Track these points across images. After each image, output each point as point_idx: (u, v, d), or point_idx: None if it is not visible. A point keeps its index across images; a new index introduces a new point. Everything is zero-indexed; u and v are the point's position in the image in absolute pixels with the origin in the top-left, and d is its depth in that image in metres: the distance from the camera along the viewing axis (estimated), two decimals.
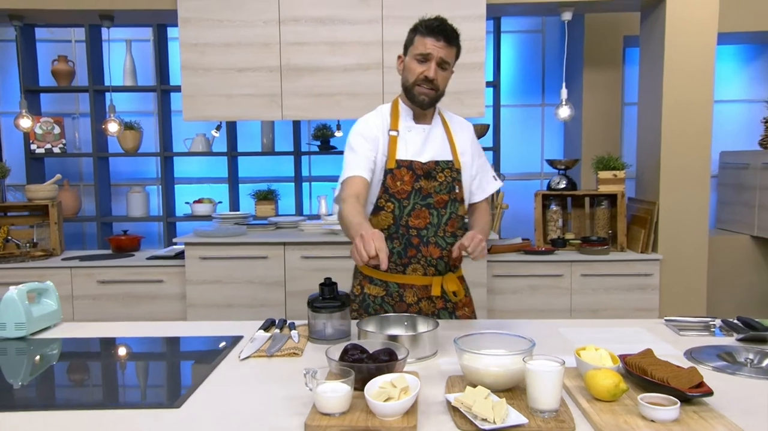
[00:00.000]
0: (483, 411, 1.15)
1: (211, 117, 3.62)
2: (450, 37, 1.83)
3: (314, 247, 3.50)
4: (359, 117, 3.53)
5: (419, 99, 1.88)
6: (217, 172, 4.69)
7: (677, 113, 3.49)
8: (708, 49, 3.46)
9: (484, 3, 3.45)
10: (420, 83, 1.86)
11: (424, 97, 1.87)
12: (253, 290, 3.53)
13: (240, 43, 3.53)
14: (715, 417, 1.14)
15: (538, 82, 4.70)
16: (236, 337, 1.77)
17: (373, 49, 3.51)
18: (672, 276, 3.55)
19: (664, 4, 3.47)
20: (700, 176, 3.53)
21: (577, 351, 1.37)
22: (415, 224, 1.89)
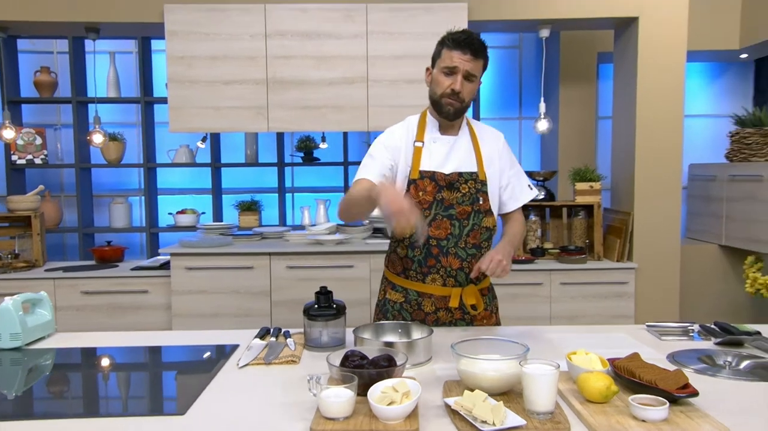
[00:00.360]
0: (483, 414, 1.21)
1: (198, 129, 3.65)
2: (477, 50, 1.86)
3: (300, 257, 3.55)
4: (344, 129, 3.64)
5: (446, 110, 1.91)
6: (200, 183, 4.71)
7: (650, 127, 3.63)
8: (678, 67, 3.61)
9: (466, 19, 3.54)
10: (447, 96, 1.89)
11: (450, 108, 1.90)
12: (239, 300, 3.56)
13: (227, 56, 3.58)
14: (701, 416, 1.22)
15: (515, 96, 4.83)
16: (233, 345, 1.81)
17: (358, 64, 3.59)
18: (646, 284, 3.67)
19: (636, 24, 3.61)
20: (671, 188, 3.67)
21: (569, 356, 1.45)
22: (435, 234, 1.92)
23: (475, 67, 1.88)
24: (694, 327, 1.90)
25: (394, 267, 2.05)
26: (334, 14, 3.56)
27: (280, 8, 3.57)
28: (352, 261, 3.55)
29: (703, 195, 4.62)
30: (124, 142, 4.44)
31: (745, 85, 5.02)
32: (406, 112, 3.56)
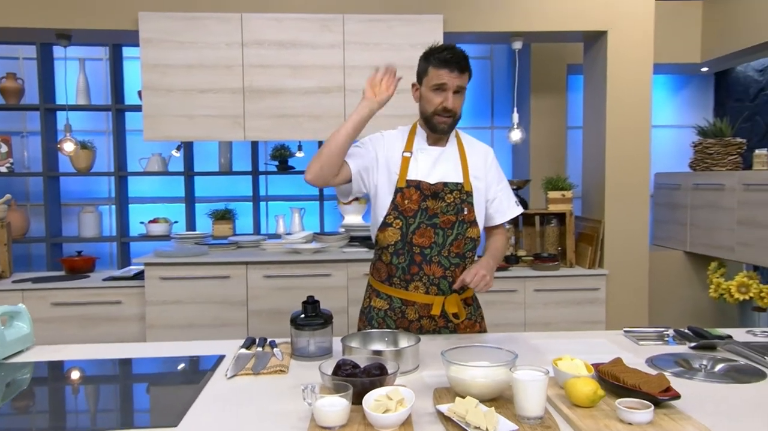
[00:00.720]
0: (476, 420, 1.24)
1: (173, 137, 3.62)
2: (462, 66, 1.92)
3: (277, 266, 3.54)
4: (321, 138, 3.65)
5: (440, 128, 1.96)
6: (172, 191, 4.66)
7: (619, 137, 3.73)
8: (645, 79, 3.73)
9: (441, 31, 3.60)
10: (439, 113, 1.94)
11: (443, 125, 1.96)
12: (215, 311, 3.53)
13: (202, 64, 3.56)
14: (683, 419, 1.27)
15: (487, 106, 4.91)
16: (219, 356, 1.80)
17: (334, 73, 3.61)
18: (617, 290, 3.77)
19: (605, 37, 3.71)
20: (640, 196, 3.78)
21: (555, 361, 1.49)
22: (419, 242, 1.96)
23: (462, 81, 1.94)
24: (669, 331, 1.97)
25: (378, 275, 2.08)
26: (310, 24, 3.58)
27: (256, 17, 3.57)
28: (329, 270, 3.56)
29: (669, 203, 4.76)
30: (94, 150, 4.38)
31: (705, 97, 5.20)
32: (382, 121, 3.60)
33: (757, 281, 4.07)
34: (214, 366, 1.72)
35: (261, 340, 1.90)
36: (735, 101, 4.98)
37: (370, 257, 3.51)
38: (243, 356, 1.77)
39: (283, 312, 3.54)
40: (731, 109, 5.01)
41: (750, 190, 4.01)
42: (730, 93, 5.04)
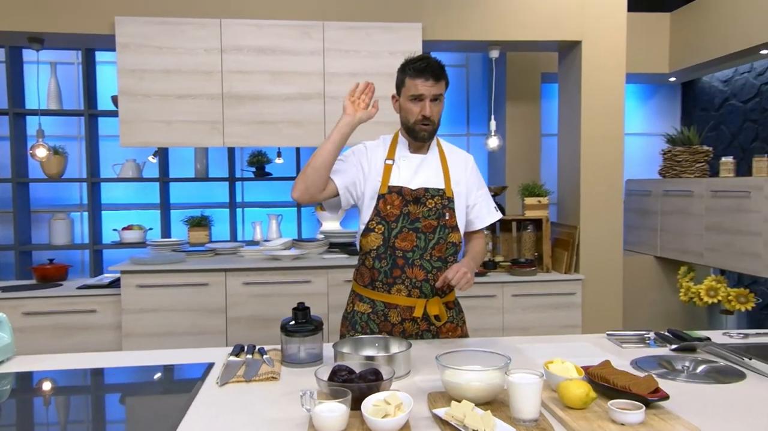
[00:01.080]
0: (474, 423, 1.26)
1: (150, 143, 3.58)
2: (437, 74, 1.97)
3: (256, 273, 3.52)
4: (301, 145, 3.65)
5: (421, 135, 2.02)
6: (146, 198, 4.60)
7: (593, 144, 3.82)
8: (618, 88, 3.82)
9: (420, 39, 3.64)
10: (419, 122, 1.99)
11: (424, 133, 2.01)
12: (193, 318, 3.49)
13: (180, 70, 3.53)
14: (673, 418, 1.31)
15: (463, 113, 4.96)
16: (209, 364, 1.79)
17: (314, 80, 3.62)
18: (592, 294, 3.84)
19: (580, 47, 3.80)
20: (614, 202, 3.86)
21: (546, 364, 1.52)
22: (401, 245, 2.00)
23: (438, 89, 1.99)
24: (649, 334, 2.02)
25: (362, 279, 2.10)
26: (290, 31, 3.58)
27: (236, 23, 3.56)
28: (309, 276, 3.55)
29: (639, 209, 4.87)
30: (65, 156, 4.30)
31: (673, 107, 5.35)
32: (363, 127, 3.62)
33: (724, 285, 4.20)
34: (204, 374, 1.71)
35: (250, 347, 1.89)
36: (701, 111, 5.14)
37: (351, 264, 3.55)
38: (233, 363, 1.76)
39: (262, 320, 3.52)
40: (698, 118, 5.16)
41: (717, 196, 4.13)
42: (697, 103, 5.19)
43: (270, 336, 3.46)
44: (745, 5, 4.05)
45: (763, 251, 3.75)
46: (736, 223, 3.97)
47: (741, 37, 4.10)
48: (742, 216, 3.92)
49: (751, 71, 4.61)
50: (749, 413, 1.39)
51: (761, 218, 3.77)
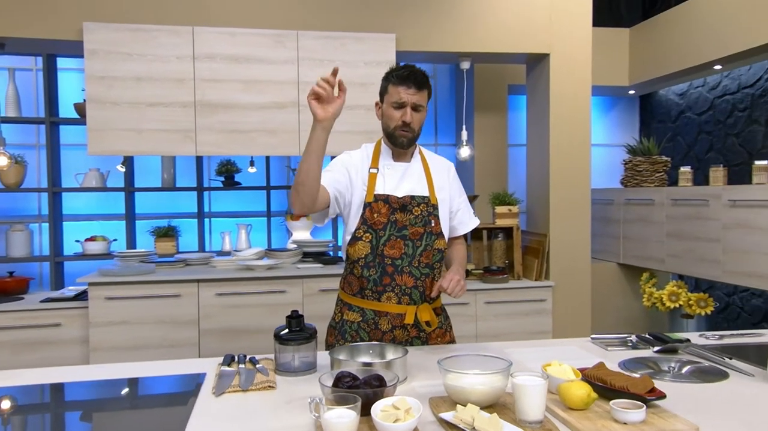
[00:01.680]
0: (483, 426, 1.28)
1: (119, 152, 3.50)
2: (420, 83, 1.99)
3: (229, 283, 3.47)
4: (275, 154, 3.63)
5: (400, 141, 2.04)
6: (109, 208, 4.48)
7: (562, 154, 3.92)
8: (585, 99, 3.94)
9: (394, 50, 3.67)
10: (399, 128, 2.02)
11: (403, 139, 2.03)
12: (165, 331, 3.41)
13: (152, 77, 3.47)
14: (671, 416, 1.36)
15: (431, 124, 5.02)
16: (200, 374, 1.76)
17: (288, 89, 3.60)
18: (562, 301, 3.93)
19: (548, 59, 3.90)
20: (582, 210, 3.96)
21: (544, 367, 1.55)
22: (390, 253, 2.01)
23: (420, 98, 2.01)
24: (631, 337, 2.08)
25: (350, 288, 2.10)
26: (264, 39, 3.57)
27: (208, 31, 3.52)
28: (283, 287, 3.52)
29: (603, 217, 5.02)
30: (25, 165, 4.16)
31: (632, 118, 5.54)
32: (337, 137, 3.62)
33: (685, 290, 4.35)
34: (197, 385, 1.68)
35: (241, 357, 1.86)
36: (658, 122, 5.33)
37: (326, 273, 3.54)
38: (226, 373, 1.73)
39: (236, 331, 3.47)
40: (655, 129, 5.35)
41: (677, 204, 4.29)
42: (654, 115, 5.39)
43: (244, 347, 3.41)
44: (699, 23, 4.24)
45: (722, 257, 3.91)
46: (695, 230, 4.13)
47: (696, 53, 4.29)
48: (701, 223, 4.07)
49: (704, 85, 4.81)
50: (739, 410, 1.45)
51: (719, 225, 3.93)
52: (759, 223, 3.65)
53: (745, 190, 3.75)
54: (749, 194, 3.72)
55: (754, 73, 4.36)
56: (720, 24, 4.05)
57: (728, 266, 3.86)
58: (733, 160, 4.50)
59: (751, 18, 3.79)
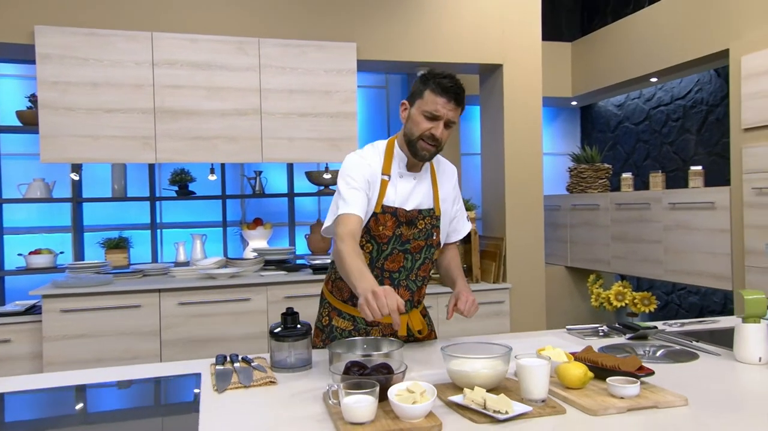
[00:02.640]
0: (495, 405, 1.34)
1: (74, 159, 3.40)
2: (460, 99, 1.85)
3: (192, 292, 3.41)
4: (238, 161, 3.61)
5: (421, 154, 1.90)
6: (53, 220, 4.31)
7: (516, 161, 4.08)
8: (536, 108, 4.12)
9: (355, 58, 3.74)
10: (425, 140, 1.88)
11: (425, 152, 1.89)
12: (125, 343, 3.32)
13: (108, 83, 3.40)
14: (660, 390, 1.46)
15: (384, 134, 5.10)
16: (195, 374, 1.75)
17: (251, 96, 3.60)
18: (518, 302, 4.06)
19: (501, 70, 4.07)
20: (535, 215, 4.13)
21: (539, 351, 1.63)
22: (389, 267, 1.96)
23: (456, 115, 1.88)
24: (602, 327, 2.20)
25: (340, 294, 2.07)
26: (226, 46, 3.56)
27: (168, 37, 3.48)
28: (247, 294, 3.50)
29: (551, 223, 5.23)
30: None
31: (574, 128, 5.81)
32: (301, 144, 3.67)
33: (630, 290, 4.59)
34: (196, 384, 1.66)
35: (234, 356, 1.86)
36: (598, 132, 5.62)
37: (290, 280, 3.54)
38: (222, 372, 1.73)
39: (199, 340, 3.41)
40: (595, 139, 5.64)
41: (621, 209, 4.53)
42: (595, 125, 5.67)
43: (209, 356, 3.36)
44: (636, 38, 4.52)
45: (664, 257, 4.16)
46: (638, 232, 4.37)
47: (634, 67, 4.57)
48: (643, 226, 4.32)
49: (641, 97, 5.12)
50: (713, 384, 1.58)
51: (661, 227, 4.18)
52: (696, 224, 3.91)
53: (683, 193, 4.02)
54: (687, 197, 3.98)
55: (684, 86, 4.68)
56: (656, 40, 4.33)
57: (670, 266, 4.11)
58: (669, 166, 4.80)
59: (683, 35, 4.08)
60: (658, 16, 4.32)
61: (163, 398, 1.65)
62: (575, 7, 5.66)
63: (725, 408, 1.39)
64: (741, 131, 3.59)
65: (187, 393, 1.59)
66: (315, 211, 4.83)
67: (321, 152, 3.68)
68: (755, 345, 1.72)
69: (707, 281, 3.83)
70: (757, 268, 3.48)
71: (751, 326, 1.73)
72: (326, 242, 4.40)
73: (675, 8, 4.16)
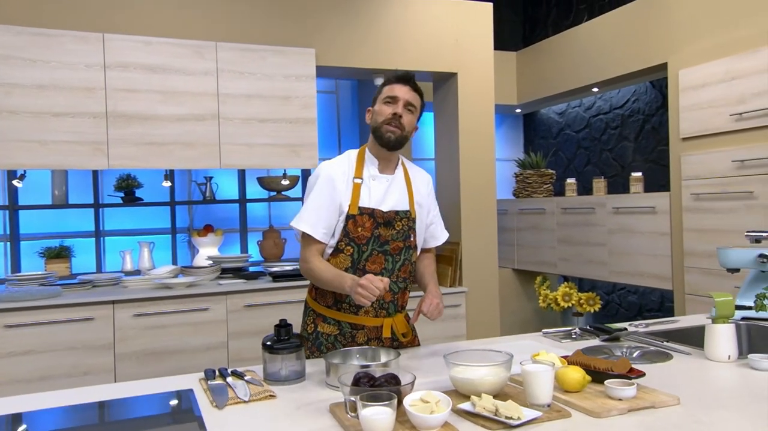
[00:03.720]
0: (507, 411, 1.38)
1: (19, 165, 3.22)
2: (415, 85, 2.01)
3: (148, 303, 3.30)
4: (195, 167, 3.52)
5: (386, 137, 1.98)
6: None
7: (470, 167, 4.17)
8: (489, 115, 4.23)
9: (313, 64, 3.72)
10: (388, 122, 1.97)
11: (390, 135, 1.97)
12: (76, 358, 3.16)
13: (57, 86, 3.23)
14: (653, 391, 1.54)
15: (334, 138, 5.10)
16: (187, 390, 1.70)
17: (208, 101, 3.52)
18: (474, 305, 4.15)
19: (455, 78, 4.15)
20: (489, 219, 4.24)
21: (533, 356, 1.68)
22: (371, 268, 2.00)
23: (414, 98, 2.00)
24: (575, 329, 2.30)
25: (324, 300, 2.09)
26: (182, 50, 3.46)
27: (120, 39, 3.35)
28: (206, 304, 3.41)
29: (499, 226, 5.35)
30: None
31: (517, 135, 6.00)
32: (260, 149, 3.62)
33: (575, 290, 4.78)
34: (192, 400, 1.62)
35: (222, 370, 1.82)
36: (541, 138, 5.82)
37: (249, 289, 3.48)
38: (216, 386, 1.69)
39: (156, 353, 3.30)
40: (538, 145, 5.84)
41: (567, 213, 4.72)
42: (537, 131, 5.87)
43: (170, 368, 3.26)
44: (579, 50, 4.73)
45: (608, 259, 4.36)
46: (584, 235, 4.56)
47: (577, 76, 4.77)
48: (588, 229, 4.52)
49: (581, 106, 5.35)
50: (693, 382, 1.68)
51: (605, 230, 4.38)
52: (639, 227, 4.13)
53: (627, 198, 4.23)
54: (630, 202, 4.19)
55: (623, 96, 4.93)
56: (598, 52, 4.54)
57: (614, 267, 4.32)
58: (608, 172, 5.04)
59: (625, 48, 4.30)
60: (600, 29, 4.53)
61: (163, 416, 1.60)
62: (517, 18, 5.85)
63: (714, 405, 1.48)
64: (680, 140, 3.82)
65: (183, 410, 1.54)
66: (266, 216, 4.77)
67: (280, 158, 3.64)
68: (724, 344, 1.84)
69: (649, 282, 4.05)
70: (696, 268, 3.71)
71: (721, 326, 1.85)
72: (279, 249, 4.36)
73: (617, 22, 4.38)
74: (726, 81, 3.51)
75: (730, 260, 2.41)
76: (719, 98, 3.55)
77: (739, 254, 2.38)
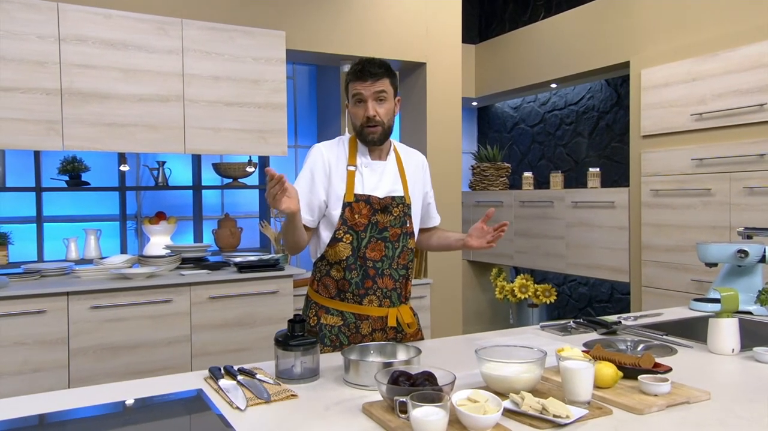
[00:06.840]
0: (556, 409, 1.34)
1: None
2: (375, 74, 1.92)
3: (105, 295, 3.08)
4: (158, 150, 3.32)
5: (369, 138, 1.97)
6: None
7: (438, 157, 4.14)
8: (456, 106, 4.22)
9: (284, 48, 3.57)
10: (365, 125, 1.95)
11: (372, 136, 1.96)
12: (25, 354, 2.91)
13: (5, 58, 2.95)
14: (682, 386, 1.55)
15: (291, 126, 4.95)
16: (197, 390, 1.58)
17: (172, 81, 3.31)
18: (438, 297, 4.15)
19: (424, 68, 4.10)
20: (454, 210, 4.24)
21: (558, 351, 1.66)
22: (371, 256, 1.98)
23: (380, 86, 1.94)
24: (570, 323, 2.31)
25: (327, 291, 2.04)
26: (144, 25, 3.23)
27: (77, 10, 3.09)
28: (168, 296, 3.22)
29: None
30: None
31: (471, 127, 6.03)
32: (227, 134, 3.45)
33: (532, 282, 4.87)
34: (207, 401, 1.50)
35: (228, 367, 1.70)
36: (495, 132, 5.88)
37: (214, 280, 3.32)
38: (229, 386, 1.57)
39: (115, 347, 3.09)
40: (492, 139, 5.89)
41: (525, 206, 4.79)
42: (491, 125, 5.93)
43: (129, 363, 3.06)
44: (539, 46, 4.79)
45: (566, 251, 4.45)
46: (541, 229, 4.64)
47: (537, 72, 4.83)
48: (547, 223, 4.60)
49: (536, 101, 5.43)
50: (712, 376, 1.72)
51: (563, 223, 4.47)
52: (596, 221, 4.23)
53: (586, 193, 4.33)
54: (589, 197, 4.29)
55: (578, 93, 5.04)
56: (559, 48, 4.62)
57: (571, 260, 4.41)
58: (562, 167, 5.15)
59: (587, 45, 4.39)
60: (563, 26, 4.60)
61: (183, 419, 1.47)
62: (473, 11, 5.86)
63: (743, 399, 1.50)
64: (640, 137, 3.94)
65: (202, 413, 1.42)
66: (218, 204, 4.58)
67: (248, 144, 3.48)
68: (729, 337, 1.89)
69: (606, 274, 4.17)
70: (653, 262, 3.84)
71: (726, 320, 1.90)
72: (236, 238, 4.19)
73: (579, 19, 4.46)
74: (688, 82, 3.64)
75: (710, 255, 2.49)
76: (680, 98, 3.68)
77: (719, 249, 2.47)
